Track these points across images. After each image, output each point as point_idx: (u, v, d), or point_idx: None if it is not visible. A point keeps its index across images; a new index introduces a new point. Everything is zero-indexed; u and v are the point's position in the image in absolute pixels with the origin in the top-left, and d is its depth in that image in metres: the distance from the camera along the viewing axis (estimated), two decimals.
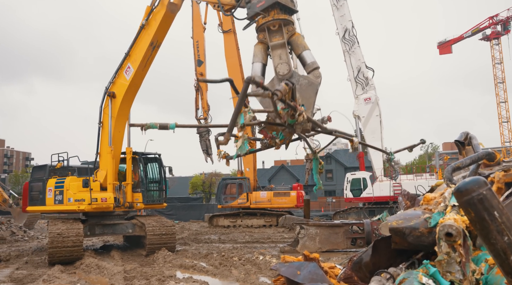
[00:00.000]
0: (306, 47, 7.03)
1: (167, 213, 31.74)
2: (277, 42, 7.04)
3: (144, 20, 12.65)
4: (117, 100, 13.55)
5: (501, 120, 58.67)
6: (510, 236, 1.95)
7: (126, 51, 13.35)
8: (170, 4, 12.01)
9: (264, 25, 7.05)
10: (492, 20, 59.18)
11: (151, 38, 12.56)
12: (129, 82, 13.17)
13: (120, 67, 13.45)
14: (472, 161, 3.50)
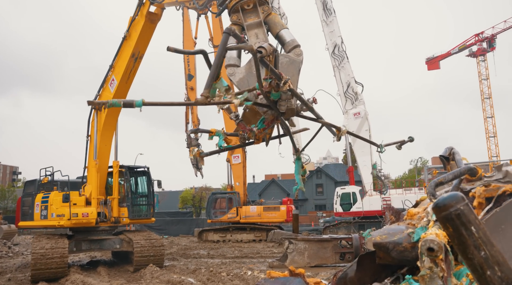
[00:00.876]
0: (284, 26, 6.53)
1: (156, 228, 31.44)
2: (252, 21, 6.55)
3: (126, 31, 12.54)
4: (103, 114, 13.44)
5: (488, 135, 59.45)
6: (486, 251, 1.96)
7: (110, 63, 13.32)
8: (149, 14, 11.88)
9: (238, 5, 6.57)
10: (478, 37, 60.39)
11: (132, 49, 12.46)
12: (113, 95, 13.09)
13: (105, 79, 13.38)
14: (454, 176, 3.54)
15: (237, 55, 6.28)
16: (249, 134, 5.64)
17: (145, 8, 11.61)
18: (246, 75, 5.92)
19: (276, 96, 5.07)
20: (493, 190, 2.91)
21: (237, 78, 5.89)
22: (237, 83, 5.90)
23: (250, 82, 5.75)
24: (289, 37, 6.29)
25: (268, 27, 6.47)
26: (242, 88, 5.72)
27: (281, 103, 5.19)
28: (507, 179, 3.22)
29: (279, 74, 4.89)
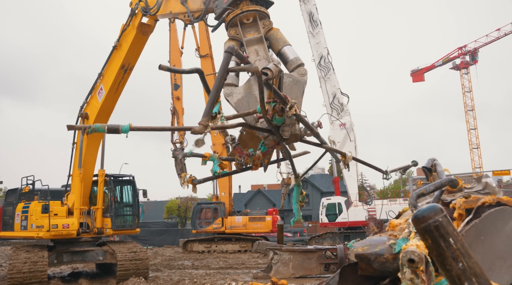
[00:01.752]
0: (286, 42, 6.04)
1: (141, 238, 31.04)
2: (252, 37, 6.06)
3: (116, 40, 11.90)
4: (89, 122, 12.97)
5: (471, 147, 60.38)
6: (464, 262, 1.97)
7: (99, 71, 12.88)
8: (141, 26, 11.05)
9: (236, 19, 6.14)
10: (461, 50, 61.61)
11: (122, 61, 11.81)
12: (101, 105, 12.68)
13: (94, 87, 12.98)
14: (435, 188, 3.56)
15: (234, 74, 5.80)
16: (247, 160, 5.21)
17: (137, 19, 10.85)
18: (245, 96, 5.44)
19: (280, 121, 4.61)
20: (472, 201, 2.94)
21: (235, 99, 5.42)
22: (235, 105, 5.45)
23: (250, 104, 5.30)
24: (293, 55, 5.88)
25: (270, 43, 6.08)
26: (240, 110, 5.34)
27: (284, 128, 4.72)
28: (486, 190, 3.25)
29: (284, 97, 4.47)
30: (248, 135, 5.74)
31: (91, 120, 12.98)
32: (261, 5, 6.33)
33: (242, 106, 5.38)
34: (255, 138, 5.41)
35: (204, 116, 3.97)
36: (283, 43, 6.00)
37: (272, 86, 4.32)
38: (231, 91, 5.48)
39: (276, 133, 4.80)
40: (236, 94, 5.45)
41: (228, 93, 5.47)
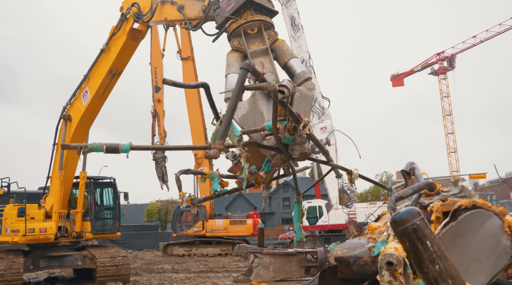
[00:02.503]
0: (293, 55, 5.83)
1: (120, 242, 30.64)
2: (257, 48, 5.79)
3: (105, 44, 11.23)
4: (72, 125, 12.56)
5: (449, 151, 61.57)
6: (441, 265, 2.00)
7: (85, 72, 12.25)
8: (132, 32, 10.33)
9: (240, 29, 5.87)
10: (439, 56, 62.88)
11: (110, 65, 11.20)
12: (85, 109, 12.16)
13: (79, 88, 12.43)
14: (414, 191, 3.62)
15: None
16: (249, 177, 4.88)
17: (128, 25, 10.14)
18: (250, 111, 5.22)
19: (290, 140, 4.42)
20: (449, 204, 2.99)
21: (240, 114, 5.19)
22: (239, 120, 5.23)
23: (255, 119, 5.08)
24: (300, 68, 5.68)
25: (275, 55, 5.83)
26: (245, 126, 5.17)
27: (294, 147, 4.52)
28: (463, 194, 3.32)
29: (297, 116, 4.30)
30: (250, 151, 5.38)
31: (74, 123, 12.57)
32: (266, 14, 6.09)
33: (247, 122, 5.17)
34: (258, 154, 5.18)
35: (219, 139, 3.75)
36: (289, 55, 5.79)
37: (287, 105, 4.17)
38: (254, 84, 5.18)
39: (285, 152, 4.60)
40: (241, 109, 5.17)
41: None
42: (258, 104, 5.12)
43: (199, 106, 26.53)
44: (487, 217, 2.94)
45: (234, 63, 5.79)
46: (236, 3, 5.94)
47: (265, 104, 5.12)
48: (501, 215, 2.97)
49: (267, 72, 5.49)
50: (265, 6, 6.02)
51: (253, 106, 5.17)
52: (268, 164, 4.94)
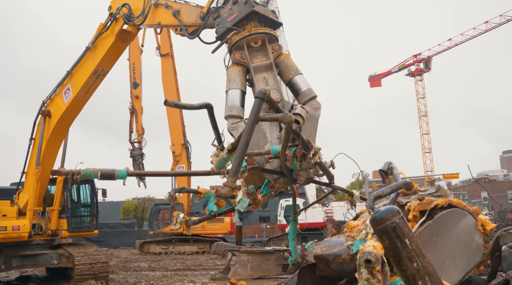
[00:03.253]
0: (298, 71, 5.50)
1: (96, 240, 30.17)
2: (260, 63, 5.44)
3: (91, 42, 10.48)
4: (52, 121, 12.03)
5: (424, 151, 62.78)
6: (418, 262, 2.05)
7: (68, 69, 11.55)
8: (121, 33, 9.61)
9: (243, 42, 5.52)
10: (416, 58, 64.05)
11: (95, 66, 10.54)
12: (66, 107, 11.58)
13: (60, 85, 11.82)
14: (392, 190, 3.70)
15: (240, 104, 5.28)
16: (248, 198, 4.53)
17: (117, 26, 9.45)
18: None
19: (296, 166, 4.23)
20: (426, 203, 3.07)
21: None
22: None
23: (258, 140, 4.85)
24: (305, 86, 5.39)
25: (279, 70, 5.52)
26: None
27: (300, 173, 4.31)
28: (439, 193, 3.41)
29: (308, 143, 4.14)
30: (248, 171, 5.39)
31: (54, 120, 12.05)
32: (269, 26, 5.78)
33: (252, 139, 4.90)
34: (255, 173, 4.98)
35: (231, 177, 3.46)
36: (294, 72, 5.46)
37: (300, 134, 3.97)
38: (236, 125, 4.99)
39: (289, 177, 4.38)
40: (242, 129, 4.88)
41: (233, 127, 4.98)
42: (261, 124, 4.91)
43: (177, 98, 26.32)
44: (462, 216, 3.03)
45: (236, 78, 5.45)
46: (239, 14, 5.62)
47: (268, 123, 4.92)
48: (475, 214, 3.06)
49: (271, 90, 5.18)
50: (269, 18, 5.73)
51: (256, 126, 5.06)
52: (268, 186, 4.73)
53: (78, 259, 12.18)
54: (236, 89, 5.34)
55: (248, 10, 5.51)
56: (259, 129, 4.89)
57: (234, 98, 5.29)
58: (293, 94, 5.47)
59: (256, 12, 5.53)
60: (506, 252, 3.14)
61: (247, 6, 5.53)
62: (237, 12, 5.63)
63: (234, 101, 5.24)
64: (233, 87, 5.39)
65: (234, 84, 5.40)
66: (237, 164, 3.46)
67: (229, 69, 5.56)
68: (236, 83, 5.39)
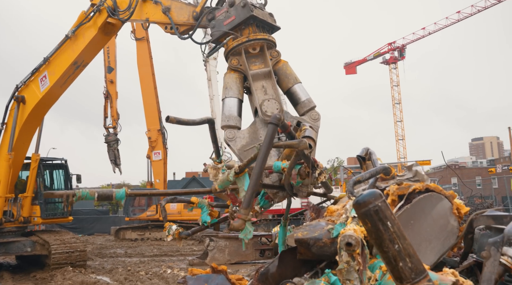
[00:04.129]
0: (297, 80, 5.29)
1: (69, 227, 29.72)
2: (258, 70, 5.20)
3: (72, 31, 9.64)
4: (27, 108, 11.55)
5: (397, 138, 63.98)
6: (400, 244, 2.12)
7: (46, 55, 10.89)
8: (105, 26, 8.86)
9: (241, 48, 5.26)
10: (390, 46, 64.81)
11: (75, 57, 9.89)
12: (43, 96, 11.07)
13: (36, 71, 11.24)
14: (371, 175, 3.77)
15: (237, 113, 5.08)
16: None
17: (100, 18, 8.75)
18: (251, 142, 4.83)
19: (299, 183, 4.14)
20: (404, 188, 3.15)
21: (239, 145, 4.81)
22: (238, 152, 4.82)
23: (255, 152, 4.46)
24: (304, 96, 5.20)
25: (278, 78, 5.27)
26: (244, 158, 4.68)
27: (302, 189, 4.24)
28: (416, 178, 3.51)
29: (313, 162, 4.01)
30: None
31: (28, 107, 11.56)
32: (267, 30, 5.54)
33: (246, 153, 4.72)
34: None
35: (245, 209, 3.33)
36: (293, 80, 5.26)
37: (309, 156, 3.85)
38: (234, 135, 4.83)
39: (290, 191, 4.28)
40: (240, 139, 4.81)
41: (231, 138, 4.82)
42: (259, 135, 4.80)
43: (154, 88, 26.01)
44: (438, 200, 3.13)
45: (233, 85, 5.22)
46: (236, 17, 5.32)
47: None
48: (451, 197, 3.17)
49: (271, 99, 5.01)
50: (267, 22, 5.47)
51: (254, 136, 4.83)
52: (265, 197, 4.59)
53: (54, 247, 11.97)
54: (233, 98, 5.15)
55: (246, 14, 5.23)
56: (257, 140, 4.78)
57: (231, 108, 5.10)
58: (292, 103, 5.29)
59: (255, 17, 5.28)
60: (478, 234, 3.27)
61: (245, 10, 5.25)
62: (234, 15, 5.36)
63: (231, 110, 5.06)
64: (230, 95, 5.18)
65: (231, 92, 5.20)
66: (250, 195, 3.35)
67: (226, 76, 5.36)
68: (233, 91, 5.20)
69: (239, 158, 4.84)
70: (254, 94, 5.08)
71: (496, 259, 2.57)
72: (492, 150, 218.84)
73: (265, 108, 4.92)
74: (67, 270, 11.84)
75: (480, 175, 48.78)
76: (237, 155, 4.85)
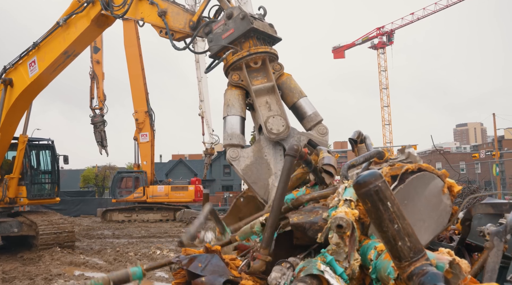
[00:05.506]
0: (302, 93, 5.05)
1: (55, 208, 29.55)
2: (261, 85, 4.92)
3: (63, 20, 9.19)
4: (14, 92, 11.27)
5: (384, 123, 64.45)
6: (399, 223, 2.16)
7: (36, 40, 10.45)
8: (98, 19, 8.47)
9: (241, 62, 4.97)
10: (379, 31, 64.76)
11: (66, 46, 9.54)
12: (31, 81, 10.77)
13: (26, 54, 10.90)
14: (365, 159, 3.81)
15: (240, 131, 4.86)
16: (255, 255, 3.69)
17: (93, 11, 8.38)
18: (255, 162, 4.66)
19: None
20: (397, 168, 3.19)
21: (243, 165, 4.65)
22: (242, 172, 4.62)
23: (261, 171, 4.56)
24: (311, 110, 4.99)
25: (282, 93, 5.03)
26: (249, 179, 4.58)
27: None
28: (409, 160, 3.56)
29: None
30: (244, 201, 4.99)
31: (16, 91, 11.28)
32: (268, 42, 5.27)
33: (251, 174, 4.57)
34: (251, 203, 4.74)
35: (265, 249, 3.17)
36: (298, 94, 5.03)
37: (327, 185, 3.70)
38: (237, 155, 4.64)
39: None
40: (244, 159, 4.62)
41: (234, 158, 4.64)
42: (264, 153, 4.64)
43: (141, 70, 25.70)
44: (431, 179, 3.19)
45: (235, 103, 4.98)
46: (235, 30, 5.06)
47: (272, 152, 4.64)
48: (443, 176, 3.23)
49: (275, 116, 4.74)
50: (267, 34, 5.21)
51: (258, 156, 4.65)
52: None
53: (42, 228, 11.93)
54: (235, 116, 4.93)
55: (246, 27, 4.97)
56: (262, 159, 4.63)
57: (233, 125, 4.90)
58: (297, 118, 5.08)
59: (255, 29, 5.03)
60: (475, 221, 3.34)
61: (244, 22, 4.99)
62: (233, 28, 5.10)
63: (233, 128, 4.86)
64: (232, 113, 4.95)
65: (234, 110, 4.96)
66: (270, 233, 3.21)
67: (227, 92, 5.11)
68: (236, 109, 4.96)
69: (243, 178, 4.66)
70: (257, 110, 4.84)
71: (499, 249, 2.64)
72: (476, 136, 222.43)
73: (270, 126, 4.71)
74: (55, 250, 11.82)
75: (464, 160, 49.67)
76: (240, 175, 4.67)
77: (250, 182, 4.62)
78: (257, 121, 5.02)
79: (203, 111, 27.52)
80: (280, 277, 3.12)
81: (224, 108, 5.05)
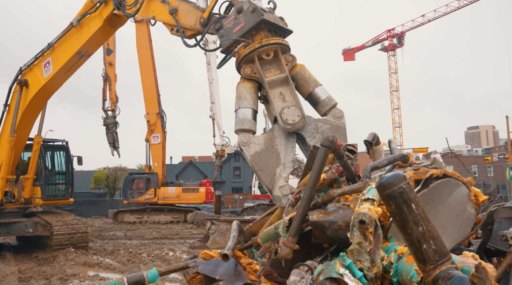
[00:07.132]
0: (317, 83, 5.03)
1: (67, 209, 29.82)
2: (274, 77, 4.90)
3: (76, 20, 9.42)
4: (29, 93, 11.47)
5: (394, 125, 64.07)
6: (424, 226, 2.15)
7: (50, 41, 10.72)
8: (111, 18, 8.63)
9: (254, 54, 4.96)
10: (389, 33, 64.43)
11: (79, 46, 9.71)
12: (46, 82, 10.96)
13: (40, 56, 11.11)
14: (389, 162, 3.80)
15: (252, 117, 4.87)
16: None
17: (106, 11, 8.56)
18: (265, 149, 4.66)
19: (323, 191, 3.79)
20: (422, 173, 3.17)
21: (252, 151, 4.67)
22: (250, 158, 4.64)
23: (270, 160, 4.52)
24: (324, 94, 4.97)
25: (296, 83, 5.02)
26: (257, 166, 4.56)
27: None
28: (434, 165, 3.53)
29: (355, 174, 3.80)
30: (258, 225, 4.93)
31: (31, 92, 11.48)
32: (279, 35, 5.22)
33: (259, 161, 4.56)
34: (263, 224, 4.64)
35: (293, 237, 3.17)
36: (314, 84, 4.99)
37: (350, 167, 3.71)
38: (248, 140, 4.67)
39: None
40: (254, 145, 4.64)
41: (245, 142, 4.66)
42: (275, 143, 4.64)
43: (153, 71, 25.86)
44: (456, 186, 3.15)
45: (247, 95, 4.97)
46: (246, 23, 5.04)
47: (283, 143, 4.64)
48: (469, 184, 3.19)
49: (290, 107, 4.73)
50: (278, 26, 5.18)
51: (269, 144, 4.66)
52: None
53: (56, 228, 12.04)
54: (247, 108, 4.92)
55: (257, 19, 4.94)
56: (273, 148, 4.62)
57: (246, 116, 4.89)
58: (312, 105, 5.08)
59: (266, 21, 5.00)
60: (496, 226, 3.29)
61: (255, 14, 4.97)
62: (244, 21, 5.08)
63: (245, 114, 4.86)
64: (244, 106, 4.95)
65: (245, 102, 4.95)
66: (299, 222, 3.19)
67: (239, 85, 5.10)
68: (248, 102, 4.96)
69: (250, 164, 4.66)
70: (272, 102, 4.83)
71: None
72: (487, 139, 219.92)
73: (285, 116, 4.73)
74: (69, 251, 11.92)
75: (476, 163, 49.14)
76: (249, 161, 4.67)
77: (257, 169, 4.64)
78: (271, 113, 5.08)
79: (214, 113, 27.60)
80: (299, 280, 3.11)
81: (236, 101, 5.05)
